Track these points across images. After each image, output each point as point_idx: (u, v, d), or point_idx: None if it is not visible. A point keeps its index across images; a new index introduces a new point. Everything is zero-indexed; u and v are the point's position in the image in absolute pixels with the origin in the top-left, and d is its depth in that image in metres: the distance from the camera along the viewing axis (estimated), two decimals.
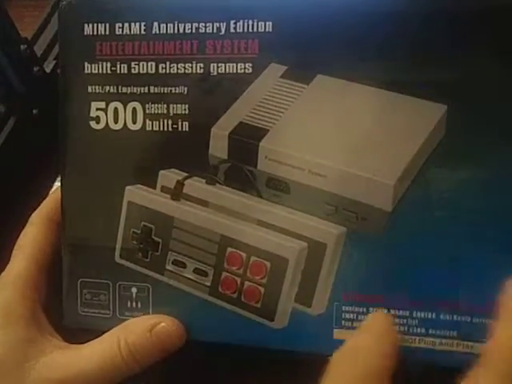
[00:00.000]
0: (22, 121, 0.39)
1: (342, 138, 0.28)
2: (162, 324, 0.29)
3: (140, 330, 0.29)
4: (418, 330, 0.28)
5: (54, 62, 0.41)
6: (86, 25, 0.30)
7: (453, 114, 0.26)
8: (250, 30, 0.28)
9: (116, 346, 0.29)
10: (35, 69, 0.39)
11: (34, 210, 0.33)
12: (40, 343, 0.30)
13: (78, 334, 0.31)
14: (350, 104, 0.27)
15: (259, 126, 0.29)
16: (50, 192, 0.34)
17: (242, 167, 0.29)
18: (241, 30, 0.28)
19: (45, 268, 0.32)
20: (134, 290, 0.31)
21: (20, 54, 0.38)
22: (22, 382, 0.29)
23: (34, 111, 0.40)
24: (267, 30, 0.28)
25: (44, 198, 0.33)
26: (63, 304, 0.32)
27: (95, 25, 0.30)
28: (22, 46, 0.38)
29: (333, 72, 0.27)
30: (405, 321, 0.28)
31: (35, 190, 0.38)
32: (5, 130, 0.39)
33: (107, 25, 0.29)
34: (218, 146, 0.29)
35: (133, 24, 0.29)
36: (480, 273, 0.27)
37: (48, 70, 0.41)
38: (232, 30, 0.28)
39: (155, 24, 0.29)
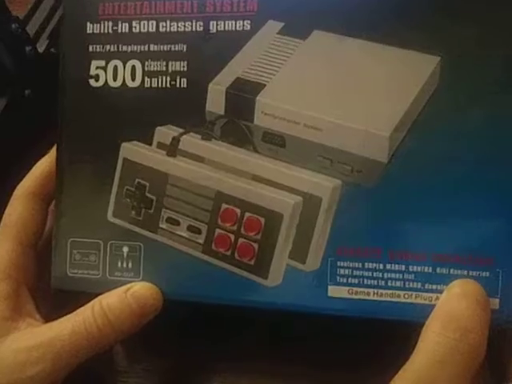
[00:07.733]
0: (14, 102, 0.38)
1: (337, 92, 0.28)
2: (138, 285, 0.29)
3: (115, 292, 0.29)
4: (415, 284, 0.27)
5: (47, 41, 0.40)
6: None
7: (445, 65, 0.27)
8: None
9: (89, 309, 0.28)
10: (28, 49, 0.38)
11: None
12: (15, 321, 0.29)
13: None
14: (345, 58, 0.28)
15: (256, 81, 0.29)
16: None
17: (239, 122, 0.29)
18: None
19: (30, 247, 0.31)
20: (125, 249, 0.30)
21: (12, 34, 0.37)
22: None
23: (27, 92, 0.38)
24: None
25: None
26: (52, 266, 0.31)
27: None
28: (14, 26, 0.37)
29: (328, 27, 0.28)
30: (401, 275, 0.27)
31: (28, 172, 0.37)
32: None
33: None
34: (216, 102, 0.29)
35: None
36: (476, 225, 0.27)
37: (41, 50, 0.40)
38: None
39: None
